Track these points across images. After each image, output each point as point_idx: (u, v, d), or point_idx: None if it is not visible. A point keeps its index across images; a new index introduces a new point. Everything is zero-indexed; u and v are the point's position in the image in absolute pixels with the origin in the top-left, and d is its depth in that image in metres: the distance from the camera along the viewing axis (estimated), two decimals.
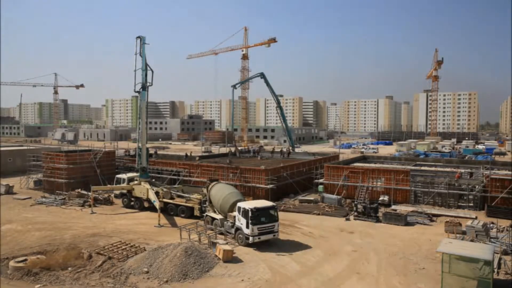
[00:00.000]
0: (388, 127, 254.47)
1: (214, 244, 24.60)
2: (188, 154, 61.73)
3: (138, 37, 37.72)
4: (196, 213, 33.25)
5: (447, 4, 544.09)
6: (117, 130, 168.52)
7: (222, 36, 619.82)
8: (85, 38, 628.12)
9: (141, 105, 38.94)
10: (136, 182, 38.49)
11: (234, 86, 79.03)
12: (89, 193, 39.35)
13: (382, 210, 34.92)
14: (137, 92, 38.33)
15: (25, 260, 22.44)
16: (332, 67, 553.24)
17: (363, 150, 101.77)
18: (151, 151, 58.54)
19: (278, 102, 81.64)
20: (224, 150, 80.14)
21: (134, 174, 40.44)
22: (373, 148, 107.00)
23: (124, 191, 39.05)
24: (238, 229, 26.70)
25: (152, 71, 38.16)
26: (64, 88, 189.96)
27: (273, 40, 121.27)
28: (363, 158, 58.08)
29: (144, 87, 37.97)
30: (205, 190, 32.65)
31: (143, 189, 36.99)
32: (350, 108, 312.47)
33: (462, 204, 36.91)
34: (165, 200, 35.23)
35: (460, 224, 29.44)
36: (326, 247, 26.32)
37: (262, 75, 79.04)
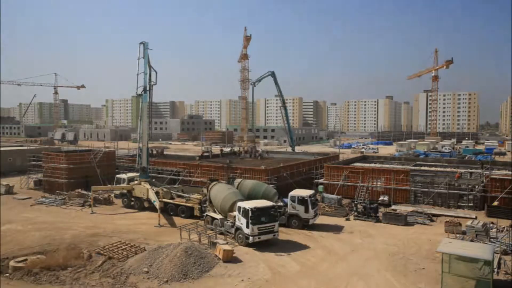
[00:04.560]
0: (388, 127, 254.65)
1: (214, 244, 24.61)
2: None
3: (142, 42, 38.44)
4: (196, 213, 33.27)
5: (447, 3, 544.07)
6: (117, 130, 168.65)
7: (221, 36, 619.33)
8: (85, 38, 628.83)
9: (142, 107, 39.22)
10: (136, 182, 38.55)
11: (253, 84, 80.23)
12: (89, 193, 39.37)
13: (382, 210, 34.94)
14: (139, 95, 38.87)
15: (25, 260, 22.46)
16: (332, 66, 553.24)
17: (363, 150, 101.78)
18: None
19: (283, 102, 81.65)
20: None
21: (134, 174, 40.52)
22: (373, 148, 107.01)
23: (124, 191, 39.08)
24: (238, 229, 26.71)
25: (156, 72, 39.27)
26: (64, 88, 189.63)
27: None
28: (363, 158, 58.12)
29: (146, 90, 38.53)
30: (205, 190, 32.69)
31: (143, 189, 37.02)
32: (350, 108, 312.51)
33: (462, 204, 36.93)
34: (165, 200, 35.24)
35: (460, 224, 29.47)
36: (326, 247, 26.33)
37: (272, 74, 79.14)
